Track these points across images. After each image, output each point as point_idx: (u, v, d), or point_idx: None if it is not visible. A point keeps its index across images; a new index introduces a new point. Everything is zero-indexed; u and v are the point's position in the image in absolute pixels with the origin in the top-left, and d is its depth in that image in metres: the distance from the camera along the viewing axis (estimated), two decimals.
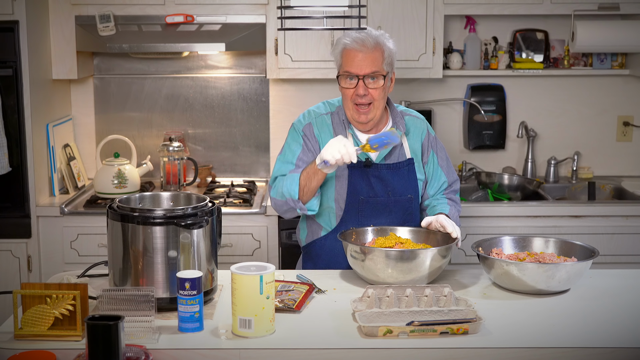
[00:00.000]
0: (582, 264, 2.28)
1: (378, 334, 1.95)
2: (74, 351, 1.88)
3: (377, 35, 2.63)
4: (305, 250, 2.79)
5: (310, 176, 2.55)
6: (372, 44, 2.60)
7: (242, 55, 4.04)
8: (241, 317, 1.94)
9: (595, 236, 3.51)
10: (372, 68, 2.59)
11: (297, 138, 2.70)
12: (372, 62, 2.59)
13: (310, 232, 2.75)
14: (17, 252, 3.52)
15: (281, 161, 2.71)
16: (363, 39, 2.60)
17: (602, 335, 2.00)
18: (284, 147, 2.73)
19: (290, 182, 2.58)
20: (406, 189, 2.68)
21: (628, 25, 3.80)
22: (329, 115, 2.72)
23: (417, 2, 3.69)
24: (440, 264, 2.34)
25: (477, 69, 4.02)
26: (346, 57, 2.62)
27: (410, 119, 2.76)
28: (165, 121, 4.08)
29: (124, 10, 3.66)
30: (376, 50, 2.60)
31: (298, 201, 2.58)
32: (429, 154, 2.76)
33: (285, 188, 2.59)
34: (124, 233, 2.12)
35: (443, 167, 2.78)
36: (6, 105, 3.43)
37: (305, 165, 2.64)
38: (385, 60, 2.62)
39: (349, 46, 2.61)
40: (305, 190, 2.57)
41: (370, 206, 2.64)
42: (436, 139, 2.80)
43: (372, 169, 2.65)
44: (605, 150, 4.17)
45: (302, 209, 2.61)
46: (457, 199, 2.80)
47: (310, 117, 2.73)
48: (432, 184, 2.77)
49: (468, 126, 4.05)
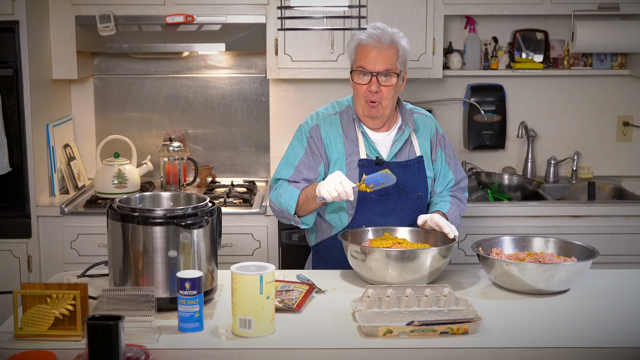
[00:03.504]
0: (582, 264, 2.28)
1: (378, 334, 1.95)
2: (74, 351, 1.88)
3: (393, 33, 2.63)
4: (315, 250, 2.79)
5: (309, 200, 2.56)
6: (388, 41, 2.59)
7: (242, 55, 4.04)
8: (241, 317, 1.95)
9: (595, 236, 3.51)
10: (387, 65, 2.59)
11: (302, 140, 2.70)
12: (386, 59, 2.58)
13: (320, 232, 2.75)
14: (17, 252, 3.52)
15: (283, 162, 2.71)
16: (379, 36, 2.59)
17: (602, 335, 2.00)
18: (288, 148, 2.74)
19: (289, 196, 2.60)
20: (417, 186, 2.69)
21: (628, 25, 3.80)
22: (338, 115, 2.72)
23: (417, 2, 3.70)
24: (441, 264, 2.34)
25: (477, 69, 4.02)
26: (361, 53, 2.61)
27: (420, 117, 2.77)
28: (165, 121, 4.08)
29: (124, 10, 3.67)
30: (391, 48, 2.59)
31: (294, 216, 2.60)
32: (437, 151, 2.76)
33: (283, 200, 2.61)
34: (124, 233, 2.12)
35: (450, 164, 2.79)
36: (6, 105, 3.43)
37: (307, 170, 2.65)
38: (400, 59, 2.61)
39: (364, 41, 2.60)
40: (303, 209, 2.60)
41: (382, 205, 2.64)
42: (444, 137, 2.80)
43: (383, 167, 2.64)
44: (605, 150, 4.17)
45: (297, 222, 2.64)
46: (463, 197, 2.80)
47: (318, 118, 2.72)
48: (439, 181, 2.77)
49: (468, 126, 4.05)
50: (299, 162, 2.67)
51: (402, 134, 2.69)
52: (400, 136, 2.69)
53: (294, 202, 2.58)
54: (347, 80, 3.91)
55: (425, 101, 4.05)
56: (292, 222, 2.66)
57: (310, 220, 2.65)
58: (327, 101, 3.90)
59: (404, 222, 2.65)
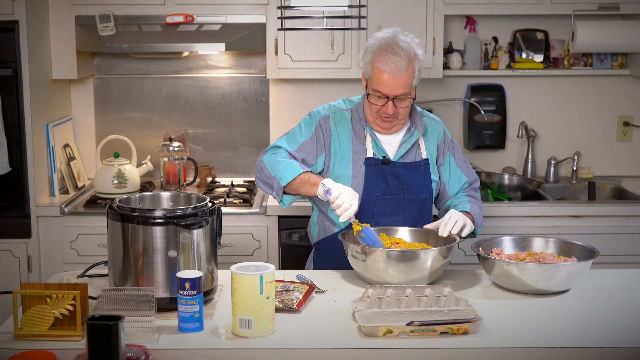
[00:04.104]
0: (582, 264, 2.28)
1: (378, 334, 1.95)
2: (74, 351, 1.88)
3: (409, 51, 2.53)
4: (317, 247, 2.78)
5: (307, 185, 2.55)
6: (405, 65, 2.51)
7: (242, 55, 4.04)
8: (241, 317, 1.94)
9: (595, 236, 3.51)
10: (403, 90, 2.54)
11: (311, 126, 2.68)
12: (403, 85, 2.53)
13: (322, 229, 2.74)
14: (17, 252, 3.52)
15: (289, 136, 2.68)
16: (397, 63, 2.50)
17: (602, 335, 2.00)
18: (295, 128, 2.71)
19: (290, 169, 2.56)
20: (422, 188, 2.68)
21: (628, 25, 3.80)
22: (349, 111, 2.71)
23: (417, 2, 3.69)
24: (442, 264, 2.34)
25: (477, 69, 4.02)
26: (377, 76, 2.54)
27: (428, 121, 2.75)
28: (165, 121, 4.08)
29: (124, 10, 3.67)
30: (408, 72, 2.53)
31: (281, 189, 2.57)
32: (445, 155, 2.74)
33: (281, 168, 2.57)
34: (124, 233, 2.12)
35: (462, 167, 2.77)
36: (6, 105, 3.43)
37: (307, 155, 2.64)
38: (415, 79, 2.57)
39: (382, 68, 2.52)
40: (294, 187, 2.57)
41: (385, 204, 2.63)
42: (453, 141, 2.78)
43: (389, 166, 2.63)
44: (605, 150, 4.17)
45: (277, 195, 2.60)
46: (477, 195, 2.79)
47: (330, 110, 2.71)
48: (452, 184, 2.75)
49: (468, 126, 4.05)
50: (302, 144, 2.65)
51: (410, 135, 2.67)
52: (408, 138, 2.67)
53: (292, 177, 2.55)
54: (347, 80, 3.93)
55: (425, 101, 4.05)
56: (271, 193, 2.62)
57: (288, 201, 2.64)
58: (327, 101, 3.89)
59: (406, 222, 2.64)
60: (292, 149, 2.65)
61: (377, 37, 2.58)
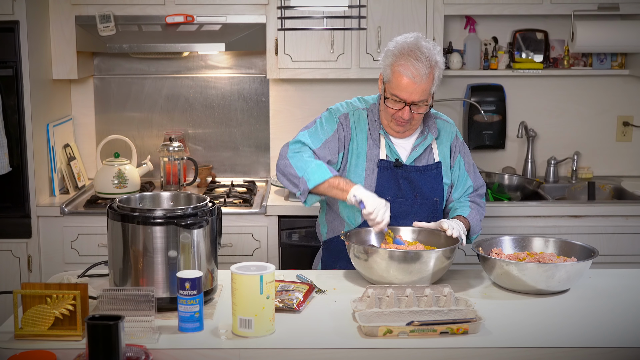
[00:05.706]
0: (582, 264, 2.28)
1: (378, 334, 1.95)
2: (74, 351, 1.88)
3: (431, 57, 2.50)
4: (325, 245, 2.77)
5: (335, 189, 2.51)
6: (426, 72, 2.49)
7: (242, 55, 4.04)
8: (241, 317, 1.95)
9: (595, 236, 3.51)
10: (421, 97, 2.53)
11: (332, 123, 2.65)
12: (422, 91, 2.52)
13: (332, 228, 2.73)
14: (17, 252, 3.52)
15: (312, 132, 2.63)
16: (418, 69, 2.48)
17: (602, 335, 2.00)
18: (317, 123, 2.66)
19: (318, 172, 2.52)
20: (433, 191, 2.67)
21: (628, 25, 3.80)
22: (365, 111, 2.69)
23: (417, 2, 3.70)
24: (444, 265, 2.34)
25: (477, 69, 4.02)
26: (397, 80, 2.51)
27: (441, 123, 2.74)
28: (165, 121, 4.08)
29: (124, 10, 3.67)
30: (429, 78, 2.51)
31: (307, 190, 2.53)
32: (456, 158, 2.74)
33: (309, 170, 2.52)
34: (124, 233, 2.12)
35: (470, 172, 2.77)
36: (6, 105, 3.43)
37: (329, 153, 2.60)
38: (434, 85, 2.55)
39: (403, 73, 2.50)
40: (320, 190, 2.53)
41: (396, 206, 2.61)
42: (464, 144, 2.77)
43: (401, 169, 2.63)
44: (605, 150, 4.17)
45: (302, 195, 2.55)
46: (481, 202, 2.77)
47: (349, 108, 2.69)
48: (457, 188, 2.75)
49: (468, 126, 4.05)
50: (325, 142, 2.62)
51: (424, 139, 2.66)
52: (422, 141, 2.66)
53: (320, 180, 2.50)
54: (347, 80, 3.94)
55: None
56: (295, 192, 2.57)
57: (311, 201, 2.59)
58: (327, 101, 3.91)
59: None
60: (316, 146, 2.61)
61: (398, 40, 2.56)
